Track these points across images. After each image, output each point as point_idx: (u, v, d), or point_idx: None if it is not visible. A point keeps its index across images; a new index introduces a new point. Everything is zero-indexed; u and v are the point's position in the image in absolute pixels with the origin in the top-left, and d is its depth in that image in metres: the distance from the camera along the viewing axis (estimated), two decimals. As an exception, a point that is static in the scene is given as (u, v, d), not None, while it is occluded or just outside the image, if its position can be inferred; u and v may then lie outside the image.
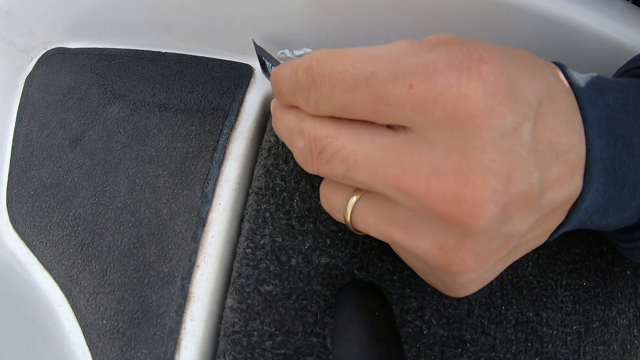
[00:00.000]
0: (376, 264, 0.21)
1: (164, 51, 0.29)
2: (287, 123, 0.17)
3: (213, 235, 0.23)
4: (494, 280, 0.22)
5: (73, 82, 0.30)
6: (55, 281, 0.26)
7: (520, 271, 0.22)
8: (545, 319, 0.21)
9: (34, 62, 0.32)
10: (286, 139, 0.17)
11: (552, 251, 0.22)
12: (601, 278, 0.23)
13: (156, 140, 0.26)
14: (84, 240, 0.25)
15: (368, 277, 0.21)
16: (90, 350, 0.24)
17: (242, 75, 0.26)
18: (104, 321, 0.24)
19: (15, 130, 0.31)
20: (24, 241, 0.28)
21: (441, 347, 0.21)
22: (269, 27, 0.25)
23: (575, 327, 0.22)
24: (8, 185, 0.29)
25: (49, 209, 0.27)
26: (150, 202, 0.24)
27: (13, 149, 0.30)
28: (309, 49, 0.24)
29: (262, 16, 0.24)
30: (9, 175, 0.30)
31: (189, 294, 0.22)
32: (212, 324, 0.22)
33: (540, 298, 0.22)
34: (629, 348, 0.23)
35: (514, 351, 0.21)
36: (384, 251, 0.21)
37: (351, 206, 0.16)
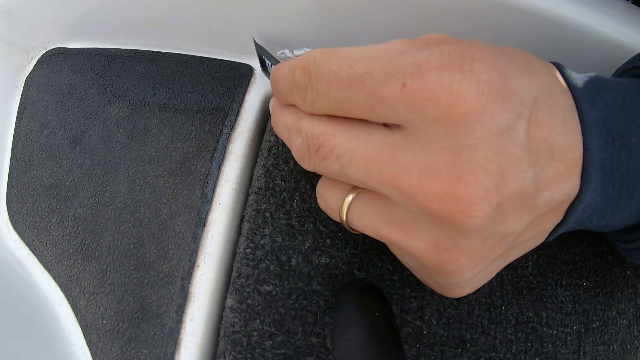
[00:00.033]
0: (376, 264, 0.21)
1: (164, 51, 0.29)
2: (285, 121, 0.17)
3: (213, 235, 0.23)
4: (494, 280, 0.22)
5: (73, 82, 0.30)
6: (55, 281, 0.26)
7: (520, 271, 0.22)
8: (545, 319, 0.21)
9: (34, 62, 0.32)
10: (285, 137, 0.17)
11: (552, 251, 0.22)
12: (601, 278, 0.23)
13: (156, 140, 0.26)
14: (84, 240, 0.25)
15: (368, 277, 0.21)
16: (90, 350, 0.24)
17: (242, 75, 0.26)
18: (104, 321, 0.24)
19: (15, 130, 0.31)
20: (24, 241, 0.28)
21: (441, 347, 0.21)
22: (269, 27, 0.25)
23: (575, 327, 0.22)
24: (8, 185, 0.29)
25: (49, 209, 0.27)
26: (150, 202, 0.24)
27: (13, 149, 0.30)
28: (309, 49, 0.24)
29: (262, 16, 0.24)
30: (9, 175, 0.30)
31: (189, 294, 0.22)
32: (212, 324, 0.22)
33: (540, 298, 0.22)
34: (629, 348, 0.23)
35: (514, 351, 0.21)
36: (384, 251, 0.21)
37: (347, 205, 0.16)
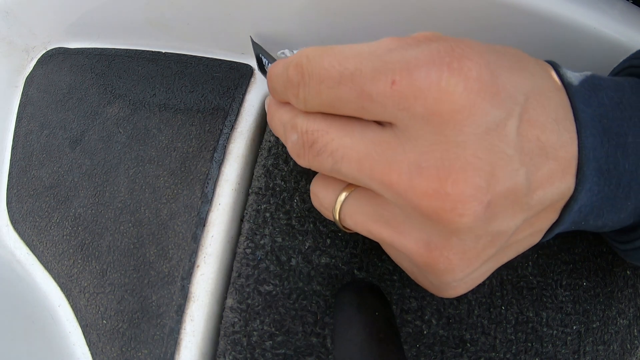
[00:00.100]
0: (376, 264, 0.21)
1: (164, 51, 0.29)
2: (281, 118, 0.17)
3: (213, 235, 0.23)
4: (494, 280, 0.22)
5: (73, 82, 0.30)
6: (55, 281, 0.26)
7: (520, 271, 0.22)
8: (545, 319, 0.21)
9: (34, 62, 0.32)
10: (280, 134, 0.17)
11: (552, 251, 0.22)
12: (601, 278, 0.23)
13: (156, 140, 0.26)
14: (84, 240, 0.25)
15: (368, 277, 0.21)
16: (90, 350, 0.24)
17: (242, 75, 0.26)
18: (104, 321, 0.24)
19: (15, 130, 0.31)
20: (24, 241, 0.28)
21: (441, 347, 0.21)
22: (268, 27, 0.25)
23: (575, 327, 0.22)
24: (8, 185, 0.29)
25: (49, 209, 0.27)
26: (150, 202, 0.24)
27: (13, 149, 0.30)
28: (309, 48, 0.24)
29: (262, 16, 0.24)
30: (9, 175, 0.30)
31: (189, 294, 0.22)
32: (212, 324, 0.22)
33: (540, 298, 0.22)
34: (629, 348, 0.23)
35: (514, 351, 0.21)
36: (384, 251, 0.21)
37: (340, 204, 0.16)
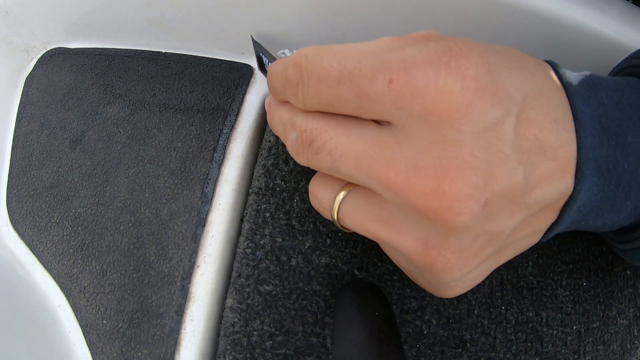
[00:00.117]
0: (376, 264, 0.21)
1: (164, 51, 0.29)
2: (281, 117, 0.17)
3: (213, 235, 0.23)
4: (494, 280, 0.22)
5: (73, 82, 0.30)
6: (55, 281, 0.26)
7: (520, 271, 0.22)
8: (545, 319, 0.21)
9: (34, 62, 0.32)
10: (280, 132, 0.17)
11: (552, 251, 0.22)
12: (601, 278, 0.23)
13: (156, 140, 0.26)
14: (84, 240, 0.25)
15: (368, 277, 0.21)
16: (90, 350, 0.24)
17: (242, 75, 0.26)
18: (104, 321, 0.24)
19: (15, 130, 0.31)
20: (24, 241, 0.28)
21: (441, 347, 0.21)
22: (268, 27, 0.25)
23: (575, 327, 0.22)
24: (8, 185, 0.29)
25: (49, 209, 0.27)
26: (150, 202, 0.24)
27: (13, 149, 0.30)
28: (309, 48, 0.24)
29: (262, 16, 0.24)
30: (9, 175, 0.30)
31: (189, 294, 0.22)
32: (212, 324, 0.22)
33: (540, 298, 0.22)
34: (629, 348, 0.23)
35: (514, 351, 0.21)
36: (383, 251, 0.21)
37: (338, 203, 0.16)
